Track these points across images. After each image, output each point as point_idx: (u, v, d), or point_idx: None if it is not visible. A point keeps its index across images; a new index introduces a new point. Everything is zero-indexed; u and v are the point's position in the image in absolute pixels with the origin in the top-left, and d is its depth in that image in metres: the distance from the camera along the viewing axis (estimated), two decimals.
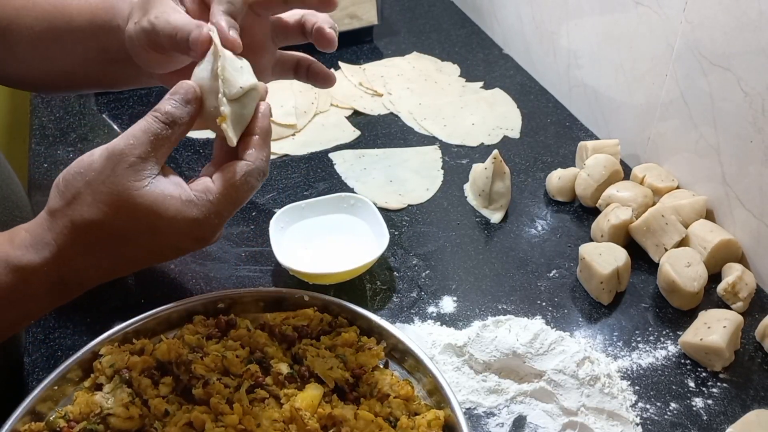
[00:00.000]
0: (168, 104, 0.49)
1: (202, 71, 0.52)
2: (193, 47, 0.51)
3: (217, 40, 0.51)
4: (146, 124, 0.48)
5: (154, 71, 0.61)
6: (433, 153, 0.91)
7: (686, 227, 0.73)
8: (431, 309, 0.70)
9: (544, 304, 0.70)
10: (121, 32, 0.58)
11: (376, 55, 1.11)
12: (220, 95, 0.50)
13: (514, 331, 0.64)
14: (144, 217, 0.47)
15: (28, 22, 0.62)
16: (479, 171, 0.80)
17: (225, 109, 0.50)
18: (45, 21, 0.62)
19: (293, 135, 0.93)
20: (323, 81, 0.67)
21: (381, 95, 1.01)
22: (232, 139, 0.50)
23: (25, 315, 0.52)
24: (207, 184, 0.49)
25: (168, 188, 0.48)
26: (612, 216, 0.74)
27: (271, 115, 0.53)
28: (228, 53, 0.52)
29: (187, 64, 0.59)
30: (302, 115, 0.96)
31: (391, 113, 0.98)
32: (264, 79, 0.62)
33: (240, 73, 0.51)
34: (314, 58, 0.67)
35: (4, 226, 0.51)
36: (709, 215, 0.76)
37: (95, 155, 0.48)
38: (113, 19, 0.60)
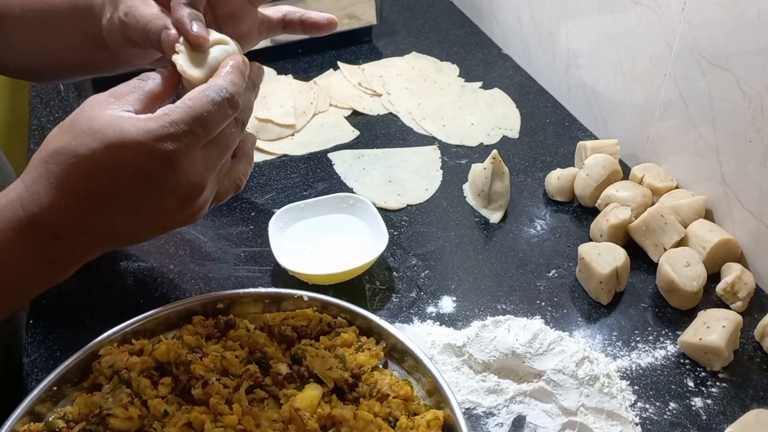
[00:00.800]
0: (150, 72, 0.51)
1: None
2: (166, 49, 0.51)
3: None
4: (127, 81, 0.50)
5: (137, 62, 0.61)
6: (432, 153, 0.91)
7: (685, 227, 0.73)
8: (430, 309, 0.70)
9: (543, 304, 0.70)
10: (101, 18, 0.59)
11: (375, 55, 1.11)
12: (178, 43, 0.51)
13: (513, 331, 0.64)
14: (100, 132, 0.46)
15: (17, 12, 0.62)
16: (478, 171, 0.80)
17: (181, 47, 0.51)
18: (32, 10, 0.62)
19: (292, 135, 0.93)
20: (324, 28, 0.63)
21: (380, 95, 1.01)
22: (184, 68, 0.50)
23: (15, 284, 0.49)
24: (169, 105, 0.49)
25: (130, 114, 0.47)
26: (611, 216, 0.74)
27: (245, 66, 0.52)
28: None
29: None
30: (301, 116, 0.96)
31: (390, 113, 0.98)
32: (250, 43, 0.62)
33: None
34: (299, 8, 0.64)
35: None
36: (708, 215, 0.76)
37: None
38: (92, 6, 0.60)
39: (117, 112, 0.47)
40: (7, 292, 0.49)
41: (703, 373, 0.64)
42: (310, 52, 1.10)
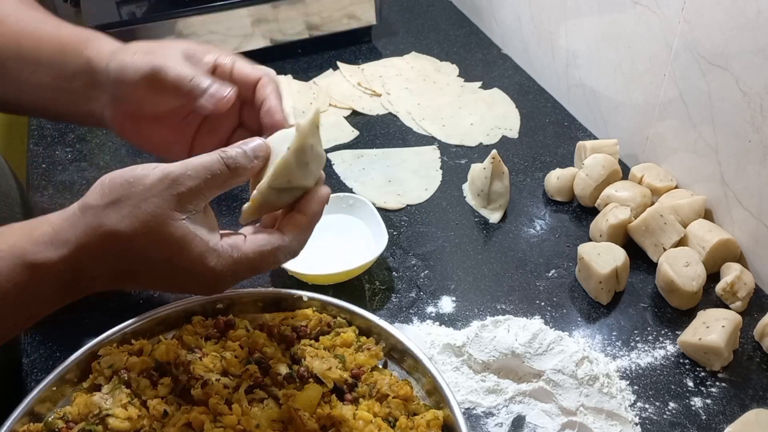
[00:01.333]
0: (237, 149, 0.49)
1: (279, 142, 0.51)
2: (211, 100, 0.52)
3: (293, 123, 0.51)
4: (209, 160, 0.48)
5: (129, 108, 0.60)
6: (432, 153, 0.91)
7: (685, 227, 0.73)
8: (430, 309, 0.70)
9: (542, 303, 0.70)
10: (87, 66, 0.58)
11: (375, 55, 1.11)
12: (261, 182, 0.49)
13: (512, 331, 0.64)
14: (168, 246, 0.47)
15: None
16: (478, 171, 0.80)
17: (256, 194, 0.49)
18: (14, 45, 0.61)
19: None
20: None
21: (379, 95, 1.01)
22: (243, 217, 0.50)
23: (30, 316, 0.50)
24: (237, 242, 0.49)
25: (201, 229, 0.47)
26: (611, 216, 0.74)
27: (326, 202, 0.54)
28: (308, 144, 0.50)
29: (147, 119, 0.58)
30: (300, 116, 0.95)
31: (390, 113, 0.98)
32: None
33: (301, 170, 0.50)
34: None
35: (1, 223, 0.51)
36: (708, 215, 0.76)
37: (149, 170, 0.47)
38: (83, 52, 0.59)
39: (191, 223, 0.47)
40: (22, 321, 0.51)
41: (702, 373, 0.64)
42: (309, 52, 1.10)
